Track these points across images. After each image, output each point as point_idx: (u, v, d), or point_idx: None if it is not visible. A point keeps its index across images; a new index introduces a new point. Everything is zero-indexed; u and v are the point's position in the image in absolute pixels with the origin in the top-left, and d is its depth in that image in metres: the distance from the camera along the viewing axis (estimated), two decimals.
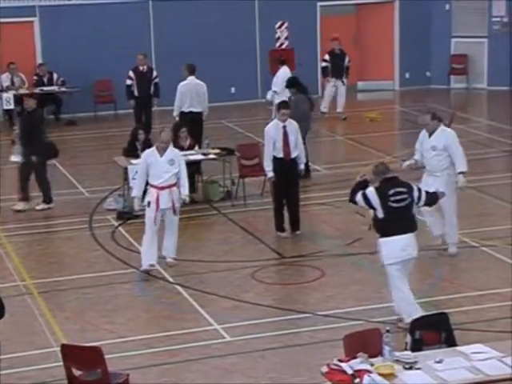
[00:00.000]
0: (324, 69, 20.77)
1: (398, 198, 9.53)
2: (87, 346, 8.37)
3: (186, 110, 16.29)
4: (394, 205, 9.49)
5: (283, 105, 12.79)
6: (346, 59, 20.38)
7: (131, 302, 10.94)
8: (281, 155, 12.62)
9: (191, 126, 15.06)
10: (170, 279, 11.60)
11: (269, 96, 18.51)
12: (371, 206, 9.51)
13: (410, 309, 9.60)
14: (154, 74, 19.24)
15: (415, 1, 23.30)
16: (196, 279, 11.57)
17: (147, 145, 14.50)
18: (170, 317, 10.50)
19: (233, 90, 22.62)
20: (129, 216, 14.00)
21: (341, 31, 22.96)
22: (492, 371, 7.40)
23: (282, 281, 11.64)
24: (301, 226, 13.13)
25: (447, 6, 23.58)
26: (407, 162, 12.01)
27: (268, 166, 12.65)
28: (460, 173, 11.59)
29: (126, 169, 14.14)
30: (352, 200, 9.76)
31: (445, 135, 11.61)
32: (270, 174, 12.70)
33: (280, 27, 22.88)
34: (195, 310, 10.61)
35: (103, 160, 16.42)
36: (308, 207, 14.11)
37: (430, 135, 11.72)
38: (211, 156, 14.69)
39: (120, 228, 13.74)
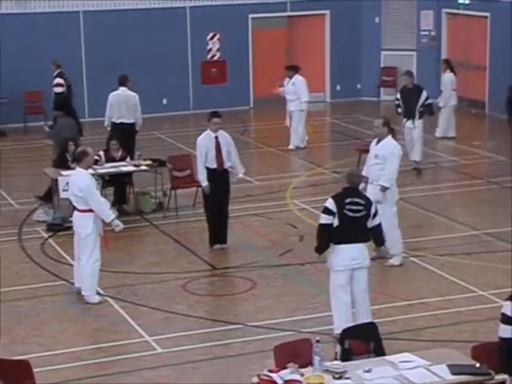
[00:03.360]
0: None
1: (354, 208, 9.59)
2: (15, 360, 8.25)
3: (116, 120, 16.16)
4: (350, 214, 9.55)
5: (214, 114, 12.72)
6: (423, 96, 16.70)
7: (61, 315, 10.84)
8: (214, 166, 12.60)
9: (123, 138, 15.02)
10: (101, 291, 11.46)
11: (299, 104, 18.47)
12: (334, 215, 9.52)
13: (342, 321, 9.66)
14: (54, 81, 19.13)
15: (346, 13, 23.62)
16: (127, 291, 11.51)
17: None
18: (101, 329, 10.43)
19: (165, 101, 22.62)
20: (59, 228, 13.90)
21: (272, 44, 23.25)
22: (419, 380, 7.51)
23: (214, 292, 11.65)
24: (233, 237, 13.17)
25: (377, 19, 23.96)
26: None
27: (201, 174, 12.61)
28: (380, 186, 11.60)
29: (55, 180, 14.04)
30: (323, 245, 9.70)
31: (388, 146, 11.66)
32: (205, 184, 12.66)
33: (212, 39, 22.94)
34: (126, 322, 10.55)
35: (33, 171, 16.27)
36: (241, 218, 14.15)
37: (378, 142, 11.78)
38: (143, 167, 14.64)
39: (50, 240, 13.62)
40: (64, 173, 13.92)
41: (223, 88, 22.77)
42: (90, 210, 10.92)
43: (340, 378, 7.56)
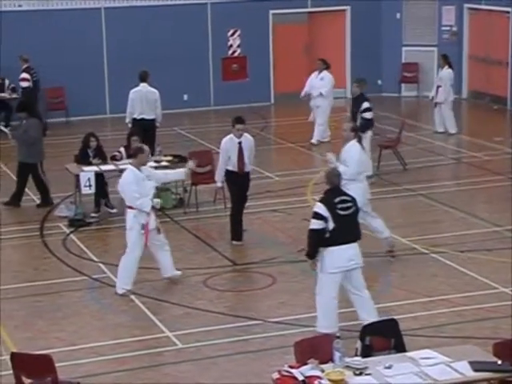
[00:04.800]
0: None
1: (344, 205, 9.57)
2: (37, 354, 8.28)
3: (137, 116, 16.27)
4: (342, 212, 9.53)
5: (238, 120, 12.75)
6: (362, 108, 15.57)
7: (82, 310, 10.88)
8: (235, 169, 12.74)
9: (144, 133, 15.03)
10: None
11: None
12: (325, 220, 9.46)
13: (329, 322, 9.69)
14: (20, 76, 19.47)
15: (366, 9, 23.59)
16: (148, 287, 11.56)
17: (99, 152, 14.62)
18: (122, 324, 10.46)
19: (185, 97, 22.61)
20: (80, 223, 13.99)
21: (293, 39, 23.18)
22: (440, 376, 7.51)
23: (234, 288, 11.67)
24: (253, 233, 13.23)
25: (398, 15, 23.92)
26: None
27: (219, 175, 12.80)
28: None
29: (77, 176, 14.12)
30: (314, 251, 9.68)
31: (350, 150, 11.67)
32: (219, 185, 12.87)
33: (232, 35, 22.93)
34: (147, 317, 10.60)
35: (55, 167, 16.33)
36: (260, 214, 14.16)
37: (344, 144, 11.89)
38: (164, 163, 14.45)
39: (72, 235, 13.67)
40: (85, 168, 14.09)
41: (244, 84, 22.80)
42: (131, 207, 11.09)
43: (361, 374, 7.58)
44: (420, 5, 23.81)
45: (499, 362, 7.65)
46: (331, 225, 9.45)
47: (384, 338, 8.22)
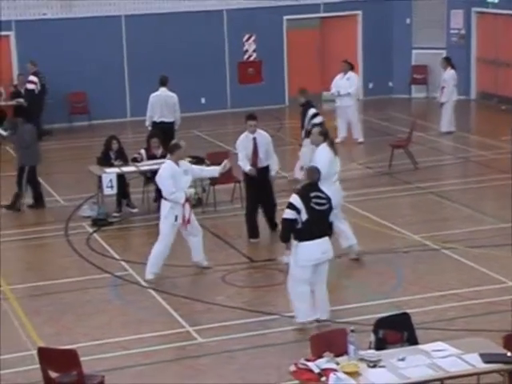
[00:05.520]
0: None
1: (319, 201, 9.71)
2: (63, 349, 8.42)
3: (157, 120, 16.37)
4: (316, 207, 9.67)
5: (249, 117, 13.06)
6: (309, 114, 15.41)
7: (105, 306, 10.93)
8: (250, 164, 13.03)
9: (163, 136, 15.05)
10: (143, 283, 11.66)
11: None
12: (298, 211, 9.64)
13: (305, 313, 9.91)
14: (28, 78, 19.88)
15: (377, 14, 23.78)
16: (169, 283, 11.68)
17: (120, 154, 14.77)
18: (144, 320, 10.58)
19: (203, 100, 22.76)
20: (103, 223, 14.09)
21: (306, 44, 23.33)
22: (452, 368, 7.63)
23: (252, 284, 11.78)
24: (268, 231, 13.36)
25: (408, 20, 24.09)
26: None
27: (242, 161, 12.94)
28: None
29: (100, 177, 14.21)
30: (286, 237, 9.79)
31: (318, 153, 11.73)
32: (247, 168, 12.97)
33: (248, 40, 23.13)
34: (168, 313, 10.74)
35: (78, 169, 16.51)
36: (277, 212, 14.12)
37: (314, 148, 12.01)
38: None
39: (95, 234, 13.75)
40: (108, 170, 14.25)
41: (259, 87, 22.99)
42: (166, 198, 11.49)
43: (374, 366, 7.67)
44: (429, 9, 23.85)
45: (509, 354, 7.78)
46: (304, 216, 9.64)
47: (397, 331, 8.35)
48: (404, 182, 16.06)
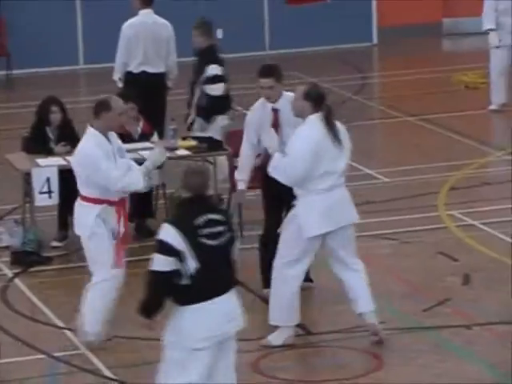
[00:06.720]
0: None
1: (212, 230, 7.31)
2: None
3: (135, 69, 12.40)
4: (209, 242, 7.28)
5: (261, 72, 9.41)
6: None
7: None
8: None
9: (145, 98, 11.51)
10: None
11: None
12: (178, 256, 6.93)
13: None
14: None
15: None
16: None
17: (65, 131, 11.09)
18: None
19: (219, 33, 17.66)
20: (33, 259, 10.81)
21: None
22: None
23: None
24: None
25: None
26: None
27: (242, 171, 10.58)
28: None
29: (28, 174, 10.95)
30: (156, 304, 7.02)
31: (297, 131, 10.24)
32: (242, 186, 10.75)
33: None
34: None
35: None
36: (358, 241, 10.79)
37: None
38: (181, 152, 11.04)
39: (16, 280, 10.40)
40: (42, 161, 11.25)
41: (326, 11, 17.97)
42: None
43: None
44: None
45: None
46: (193, 266, 7.24)
47: None
48: None
